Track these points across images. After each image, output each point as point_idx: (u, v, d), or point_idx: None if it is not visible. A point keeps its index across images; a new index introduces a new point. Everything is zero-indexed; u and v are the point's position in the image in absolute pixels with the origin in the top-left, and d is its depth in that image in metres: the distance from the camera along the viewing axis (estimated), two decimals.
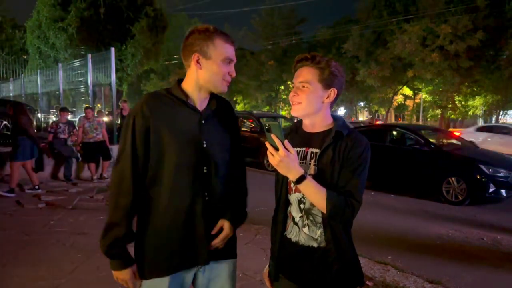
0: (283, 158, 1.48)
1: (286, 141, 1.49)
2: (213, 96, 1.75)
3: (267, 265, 1.86)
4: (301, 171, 1.51)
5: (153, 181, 1.65)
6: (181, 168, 1.64)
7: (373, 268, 4.03)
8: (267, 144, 1.51)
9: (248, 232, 5.01)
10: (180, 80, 1.74)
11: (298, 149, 1.68)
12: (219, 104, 1.77)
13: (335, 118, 1.71)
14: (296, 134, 1.75)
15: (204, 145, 1.68)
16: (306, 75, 1.62)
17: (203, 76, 1.66)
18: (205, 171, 1.68)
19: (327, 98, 1.64)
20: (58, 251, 4.38)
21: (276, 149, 1.49)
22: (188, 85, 1.70)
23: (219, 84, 1.67)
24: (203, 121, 1.69)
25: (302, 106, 1.64)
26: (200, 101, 1.71)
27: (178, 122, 1.65)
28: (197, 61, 1.64)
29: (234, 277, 1.84)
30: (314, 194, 1.53)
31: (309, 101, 1.62)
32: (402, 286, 3.64)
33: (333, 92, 1.64)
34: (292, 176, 1.52)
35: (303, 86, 1.62)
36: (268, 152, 1.51)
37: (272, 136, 1.48)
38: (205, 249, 1.69)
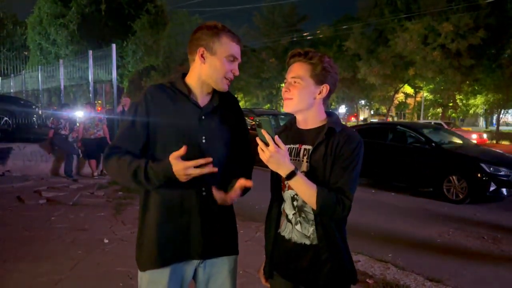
0: (273, 154, 1.46)
1: (276, 137, 1.48)
2: (216, 92, 1.74)
3: (263, 262, 1.85)
4: (291, 167, 1.49)
5: None
6: None
7: (373, 266, 4.03)
8: (258, 140, 1.49)
9: (248, 229, 5.01)
10: (184, 74, 1.75)
11: (292, 146, 1.67)
12: (224, 99, 1.76)
13: (329, 114, 1.70)
14: (290, 131, 1.74)
15: (203, 141, 1.67)
16: (298, 71, 1.62)
17: (205, 71, 1.66)
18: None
19: (319, 94, 1.63)
20: (59, 247, 4.38)
21: (267, 144, 1.48)
22: (192, 80, 1.71)
23: (220, 81, 1.67)
24: (203, 117, 1.69)
25: (293, 102, 1.63)
26: (202, 97, 1.72)
27: (178, 116, 1.66)
28: (202, 55, 1.65)
29: (234, 273, 1.84)
30: (305, 191, 1.52)
31: (300, 97, 1.61)
32: (402, 284, 3.63)
33: (325, 88, 1.63)
34: (283, 172, 1.51)
35: (295, 82, 1.61)
36: (258, 148, 1.50)
37: (263, 131, 1.47)
38: (199, 244, 1.69)
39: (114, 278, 3.59)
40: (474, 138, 20.80)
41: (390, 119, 38.81)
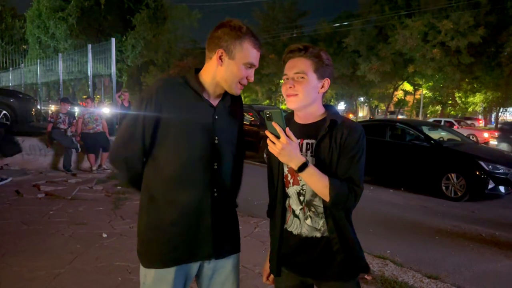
0: (285, 146, 1.46)
1: (287, 129, 1.48)
2: (227, 92, 1.71)
3: (267, 260, 1.84)
4: (303, 159, 1.50)
5: (161, 173, 1.63)
6: (191, 163, 1.62)
7: (371, 262, 4.03)
8: (268, 133, 1.48)
9: (247, 225, 5.01)
10: (197, 70, 1.70)
11: None
12: (232, 99, 1.74)
13: (327, 107, 1.71)
14: (288, 127, 1.74)
15: (216, 141, 1.65)
16: (301, 66, 1.60)
17: (221, 73, 1.62)
18: (215, 167, 1.65)
19: (321, 88, 1.64)
20: (57, 241, 4.37)
21: (277, 137, 1.47)
22: (206, 78, 1.66)
23: (234, 86, 1.63)
24: (216, 117, 1.66)
25: (299, 98, 1.61)
26: (214, 96, 1.68)
27: (191, 115, 1.61)
28: (220, 57, 1.60)
29: (238, 268, 1.83)
30: (317, 182, 1.52)
31: (306, 93, 1.61)
32: (400, 281, 3.64)
33: (326, 82, 1.64)
34: (294, 164, 1.50)
35: (299, 78, 1.60)
36: (268, 141, 1.49)
37: (273, 124, 1.46)
38: (210, 244, 1.68)
39: (112, 272, 3.59)
40: (486, 137, 21.17)
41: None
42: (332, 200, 1.51)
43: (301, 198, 1.65)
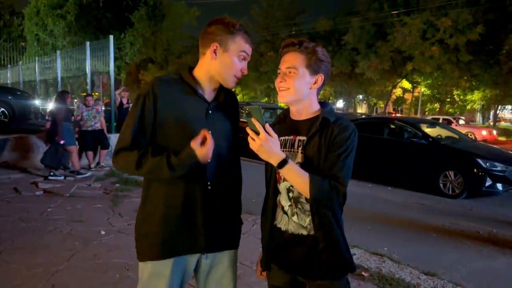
0: (264, 142, 1.45)
1: (267, 125, 1.47)
2: (222, 88, 1.74)
3: (260, 254, 1.85)
4: (282, 156, 1.48)
5: None
6: None
7: (369, 259, 4.05)
8: (248, 130, 1.47)
9: (245, 222, 4.96)
10: (191, 68, 1.73)
11: (286, 137, 1.67)
12: (227, 96, 1.76)
13: (323, 104, 1.69)
14: (284, 122, 1.73)
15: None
16: (293, 61, 1.61)
17: (215, 67, 1.65)
18: (208, 160, 1.66)
19: (314, 84, 1.63)
20: (55, 238, 4.38)
21: (257, 133, 1.46)
22: (200, 74, 1.69)
23: (229, 78, 1.66)
24: (210, 111, 1.69)
25: (290, 92, 1.61)
26: (209, 91, 1.71)
27: (185, 109, 1.64)
28: (214, 51, 1.63)
29: (235, 264, 1.85)
30: (297, 179, 1.51)
31: (296, 87, 1.60)
32: (397, 278, 3.65)
33: (320, 78, 1.63)
34: (274, 161, 1.49)
35: (290, 72, 1.60)
36: (249, 138, 1.47)
37: (253, 120, 1.45)
38: (203, 237, 1.69)
39: (110, 269, 3.60)
40: (484, 134, 21.24)
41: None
42: (313, 197, 1.50)
43: (290, 194, 1.65)
